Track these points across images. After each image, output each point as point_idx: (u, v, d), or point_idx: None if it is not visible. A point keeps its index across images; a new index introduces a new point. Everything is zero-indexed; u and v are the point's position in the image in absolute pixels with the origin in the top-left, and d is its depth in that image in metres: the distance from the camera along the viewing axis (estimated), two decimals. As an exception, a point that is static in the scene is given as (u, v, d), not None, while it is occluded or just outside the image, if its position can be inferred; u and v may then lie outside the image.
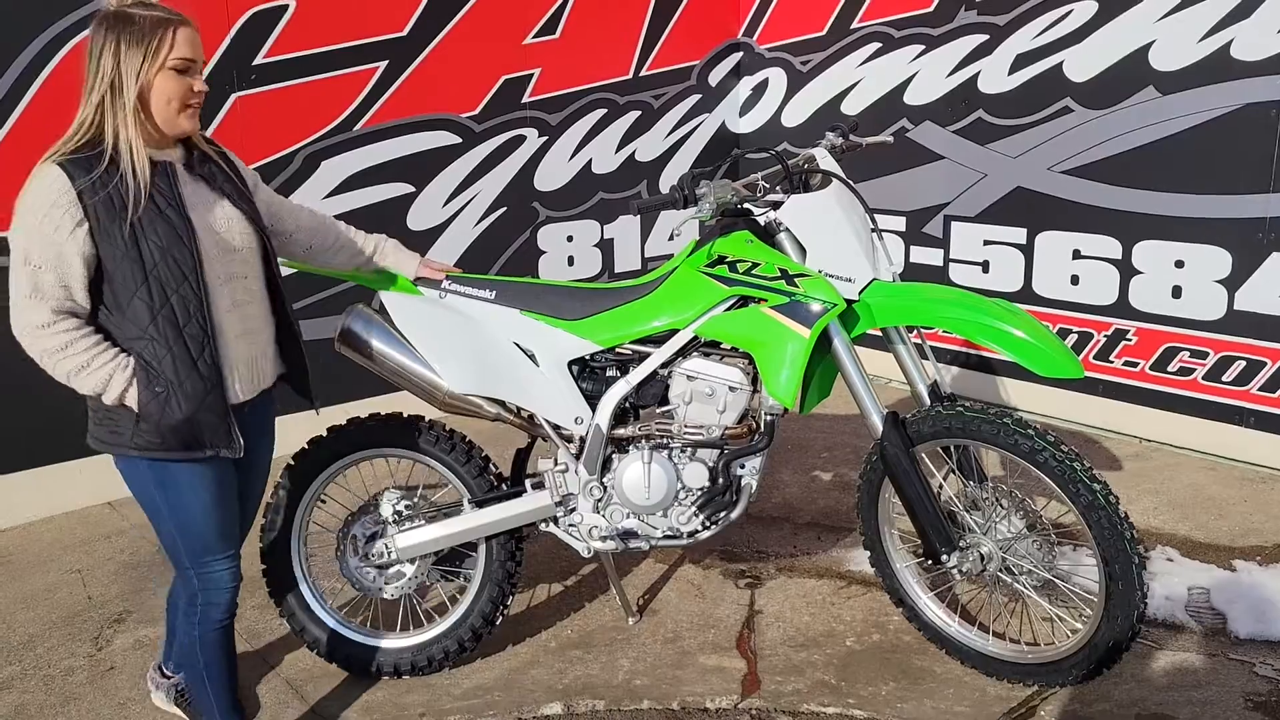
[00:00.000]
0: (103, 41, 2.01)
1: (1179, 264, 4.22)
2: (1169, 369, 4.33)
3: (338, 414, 3.07)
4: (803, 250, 2.68)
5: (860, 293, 2.63)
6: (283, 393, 2.44)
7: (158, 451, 2.10)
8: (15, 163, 3.64)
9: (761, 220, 2.71)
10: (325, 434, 2.81)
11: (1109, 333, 4.49)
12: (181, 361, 2.06)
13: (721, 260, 2.66)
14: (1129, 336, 4.43)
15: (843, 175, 2.75)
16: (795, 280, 2.58)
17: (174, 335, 2.06)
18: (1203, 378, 4.23)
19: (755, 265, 2.62)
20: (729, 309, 2.64)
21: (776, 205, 2.68)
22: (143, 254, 2.02)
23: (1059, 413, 4.70)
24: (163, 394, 2.05)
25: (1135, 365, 4.44)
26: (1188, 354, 4.26)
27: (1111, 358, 4.51)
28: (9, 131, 3.76)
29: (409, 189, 4.80)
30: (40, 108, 3.78)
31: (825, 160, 2.81)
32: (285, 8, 4.29)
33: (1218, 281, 4.12)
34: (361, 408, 3.14)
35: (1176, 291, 4.25)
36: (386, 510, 2.82)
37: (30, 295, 1.98)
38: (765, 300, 2.59)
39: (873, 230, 2.72)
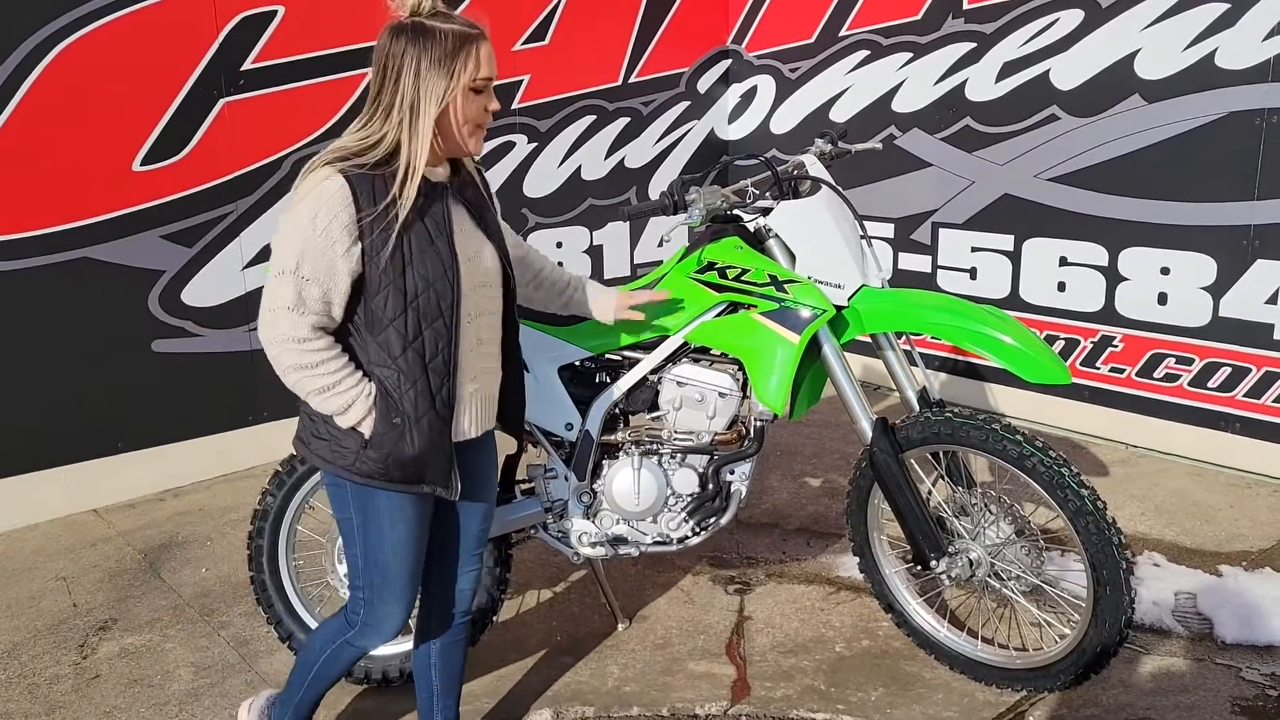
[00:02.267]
0: (402, 57, 1.87)
1: (1165, 271, 4.25)
2: (1155, 375, 4.36)
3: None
4: (792, 256, 2.69)
5: (849, 299, 2.63)
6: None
7: (378, 480, 2.00)
8: (9, 160, 3.57)
9: (751, 226, 2.72)
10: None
11: (1095, 339, 4.51)
12: (423, 396, 1.97)
13: (711, 266, 2.66)
14: (1115, 343, 4.46)
15: (832, 181, 2.76)
16: (785, 286, 2.58)
17: (419, 369, 1.96)
18: (1188, 384, 4.26)
19: (745, 271, 2.62)
20: (719, 315, 2.64)
21: (766, 211, 2.69)
22: (407, 284, 1.92)
23: (1046, 418, 4.72)
24: (400, 426, 1.96)
25: (1121, 371, 4.46)
26: (1173, 360, 4.29)
27: (1098, 364, 4.53)
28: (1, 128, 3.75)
29: (398, 194, 4.79)
30: (31, 108, 3.75)
31: (814, 167, 2.82)
32: (275, 12, 4.28)
33: (1203, 288, 4.14)
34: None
35: (1162, 298, 4.28)
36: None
37: (293, 307, 1.88)
38: (755, 306, 2.60)
39: (862, 236, 2.73)
